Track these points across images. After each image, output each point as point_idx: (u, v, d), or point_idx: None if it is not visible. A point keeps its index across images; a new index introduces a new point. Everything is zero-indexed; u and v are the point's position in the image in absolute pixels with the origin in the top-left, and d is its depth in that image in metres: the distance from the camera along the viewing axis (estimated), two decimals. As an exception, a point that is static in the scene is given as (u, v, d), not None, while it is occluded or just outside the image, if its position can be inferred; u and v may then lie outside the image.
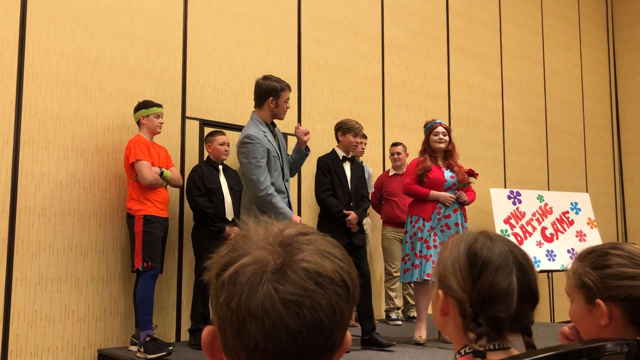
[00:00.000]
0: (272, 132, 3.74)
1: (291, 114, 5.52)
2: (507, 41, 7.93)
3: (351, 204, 4.30)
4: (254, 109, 3.76)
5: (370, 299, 4.34)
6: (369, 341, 4.08)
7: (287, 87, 3.74)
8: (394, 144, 5.74)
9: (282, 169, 3.75)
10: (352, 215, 4.20)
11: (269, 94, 3.66)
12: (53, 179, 4.12)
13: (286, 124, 4.98)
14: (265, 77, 3.73)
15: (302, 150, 3.89)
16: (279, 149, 3.74)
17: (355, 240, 4.25)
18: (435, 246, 4.24)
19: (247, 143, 3.57)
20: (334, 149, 4.46)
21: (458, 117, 7.10)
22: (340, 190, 4.28)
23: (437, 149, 4.40)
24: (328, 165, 4.33)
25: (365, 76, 6.18)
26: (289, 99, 3.75)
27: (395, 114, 6.44)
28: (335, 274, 0.69)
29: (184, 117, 4.81)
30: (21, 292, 3.90)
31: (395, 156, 5.64)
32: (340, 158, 4.39)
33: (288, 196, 3.75)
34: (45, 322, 3.98)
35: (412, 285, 4.92)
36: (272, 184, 3.61)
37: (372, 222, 5.73)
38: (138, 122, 4.27)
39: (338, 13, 6.01)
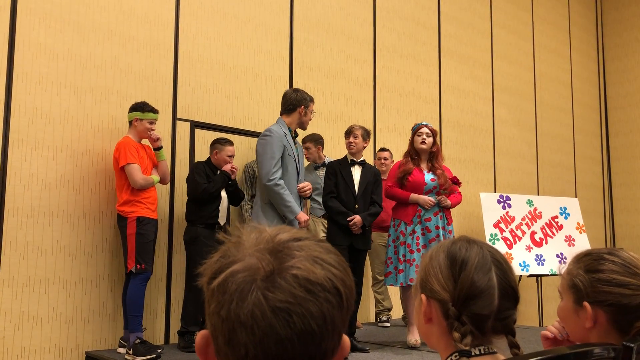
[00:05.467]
0: (293, 138, 4.01)
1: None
2: (498, 46, 7.98)
3: (356, 206, 4.24)
4: (280, 116, 4.05)
5: (357, 306, 4.36)
6: None
7: (313, 101, 4.12)
8: (382, 149, 5.74)
9: (298, 173, 3.97)
10: (357, 218, 4.17)
11: (300, 103, 4.01)
12: (42, 179, 4.09)
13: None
14: (296, 90, 4.08)
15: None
16: (297, 154, 3.98)
17: (356, 243, 4.21)
18: (418, 250, 4.22)
19: (266, 136, 3.86)
20: (346, 155, 4.48)
21: (449, 122, 7.13)
22: (345, 193, 4.25)
23: (420, 149, 4.40)
24: (334, 169, 4.33)
25: (356, 79, 6.20)
26: (314, 111, 4.13)
27: (386, 118, 6.45)
28: (327, 281, 0.67)
29: (174, 119, 4.80)
30: (8, 293, 3.87)
31: (382, 161, 5.63)
32: (349, 162, 4.38)
33: (300, 201, 3.96)
34: (32, 323, 3.94)
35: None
36: (284, 182, 3.82)
37: None
38: (130, 122, 4.22)
39: (330, 16, 6.02)
